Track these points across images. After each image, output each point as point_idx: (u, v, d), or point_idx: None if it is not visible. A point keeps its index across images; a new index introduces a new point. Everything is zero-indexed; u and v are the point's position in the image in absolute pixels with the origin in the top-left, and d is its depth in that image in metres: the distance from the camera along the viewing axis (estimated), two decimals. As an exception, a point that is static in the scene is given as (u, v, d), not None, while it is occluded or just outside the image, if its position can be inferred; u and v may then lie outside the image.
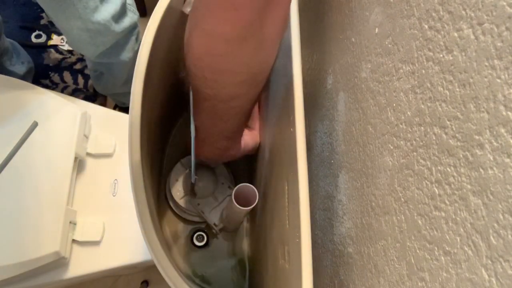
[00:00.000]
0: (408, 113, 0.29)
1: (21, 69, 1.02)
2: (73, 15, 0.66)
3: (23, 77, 1.02)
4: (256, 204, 0.44)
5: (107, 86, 0.99)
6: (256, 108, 0.55)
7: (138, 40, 0.84)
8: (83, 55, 1.19)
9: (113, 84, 0.96)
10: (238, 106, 0.41)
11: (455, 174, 0.23)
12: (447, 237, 0.24)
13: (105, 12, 0.69)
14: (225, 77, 0.36)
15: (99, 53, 0.77)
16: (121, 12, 0.73)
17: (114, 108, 1.15)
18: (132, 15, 0.77)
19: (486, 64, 0.21)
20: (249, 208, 0.44)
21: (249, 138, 0.53)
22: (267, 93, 0.52)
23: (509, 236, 0.19)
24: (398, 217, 0.30)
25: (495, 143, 0.20)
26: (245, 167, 0.65)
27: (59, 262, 0.57)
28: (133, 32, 0.81)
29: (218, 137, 0.47)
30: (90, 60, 0.89)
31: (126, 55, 0.82)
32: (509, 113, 0.19)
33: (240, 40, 0.32)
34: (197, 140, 0.46)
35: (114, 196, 0.65)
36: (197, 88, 0.39)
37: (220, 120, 0.43)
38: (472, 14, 0.22)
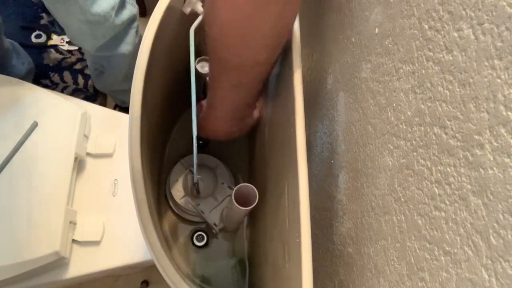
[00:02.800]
0: (408, 113, 0.29)
1: (21, 69, 1.02)
2: (73, 7, 0.66)
3: (23, 78, 1.02)
4: (256, 204, 0.44)
5: (107, 82, 0.98)
6: None
7: (138, 34, 0.85)
8: (83, 55, 1.19)
9: (113, 79, 0.95)
10: (261, 72, 0.42)
11: (455, 174, 0.23)
12: (447, 237, 0.24)
13: (105, 4, 0.69)
14: (252, 41, 0.36)
15: (99, 46, 0.77)
16: (120, 4, 0.73)
17: (114, 108, 1.14)
18: (131, 8, 0.77)
19: (486, 64, 0.21)
20: (249, 208, 0.44)
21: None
22: (266, 92, 0.52)
23: (509, 236, 0.19)
24: (398, 217, 0.30)
25: (495, 143, 0.20)
26: (245, 167, 0.65)
27: (59, 262, 0.57)
28: (132, 25, 0.81)
29: (239, 107, 0.48)
30: (90, 54, 0.89)
31: (126, 48, 0.82)
32: (509, 113, 0.19)
33: None
34: (216, 118, 0.48)
35: (114, 196, 0.65)
36: (223, 58, 0.39)
37: (244, 89, 0.44)
38: (472, 14, 0.22)
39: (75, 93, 1.15)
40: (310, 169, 0.53)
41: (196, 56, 0.43)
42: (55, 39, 1.20)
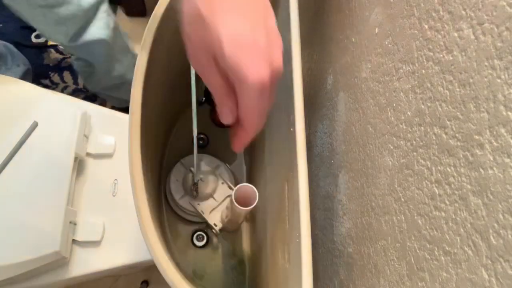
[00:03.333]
0: (408, 113, 0.29)
1: (16, 71, 1.02)
2: None
3: (21, 79, 1.02)
4: (256, 204, 0.44)
5: (96, 79, 0.96)
6: None
7: (111, 17, 0.82)
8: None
9: (98, 71, 0.92)
10: None
11: (455, 174, 0.23)
12: (447, 237, 0.24)
13: None
14: None
15: (72, 35, 0.76)
16: None
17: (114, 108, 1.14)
18: None
19: (486, 64, 0.21)
20: (249, 208, 0.44)
21: None
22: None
23: (509, 236, 0.19)
24: (398, 217, 0.30)
25: (495, 143, 0.20)
26: (245, 167, 0.65)
27: (59, 262, 0.57)
28: (101, 7, 0.79)
29: None
30: (65, 46, 0.86)
31: (100, 32, 0.80)
32: (509, 113, 0.19)
33: None
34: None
35: (114, 196, 0.65)
36: None
37: None
38: (472, 14, 0.22)
39: (75, 93, 1.15)
40: (310, 169, 0.53)
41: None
42: (55, 39, 1.20)
